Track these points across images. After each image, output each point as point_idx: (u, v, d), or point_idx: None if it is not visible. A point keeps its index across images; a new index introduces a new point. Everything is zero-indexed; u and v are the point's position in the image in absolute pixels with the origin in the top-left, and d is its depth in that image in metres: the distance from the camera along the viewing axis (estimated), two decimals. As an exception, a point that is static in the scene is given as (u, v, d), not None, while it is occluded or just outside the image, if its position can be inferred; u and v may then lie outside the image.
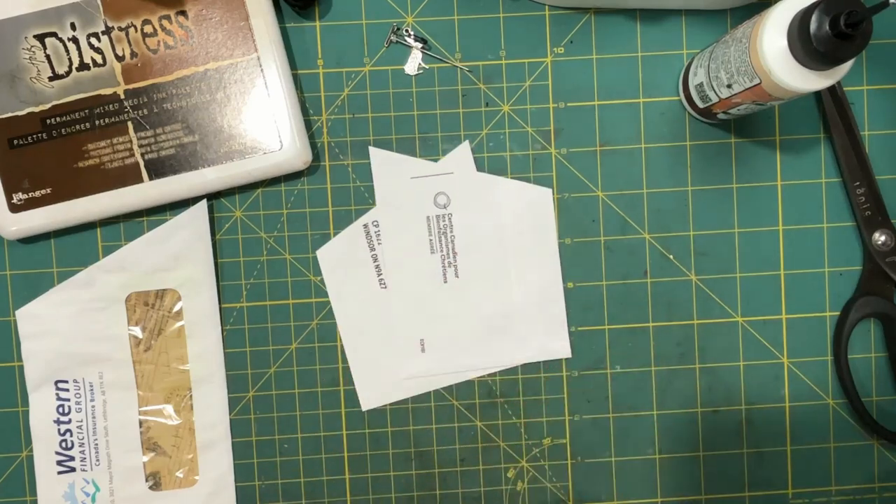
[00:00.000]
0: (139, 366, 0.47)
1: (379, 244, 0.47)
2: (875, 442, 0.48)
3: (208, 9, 0.45)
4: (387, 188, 0.46)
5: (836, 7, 0.34)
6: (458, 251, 0.47)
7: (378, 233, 0.47)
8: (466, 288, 0.47)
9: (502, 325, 0.47)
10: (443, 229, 0.47)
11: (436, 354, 0.47)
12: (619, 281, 0.47)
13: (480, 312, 0.47)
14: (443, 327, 0.47)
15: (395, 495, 0.47)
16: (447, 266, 0.47)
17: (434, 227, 0.47)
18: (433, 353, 0.47)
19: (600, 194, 0.47)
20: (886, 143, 0.48)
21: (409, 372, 0.47)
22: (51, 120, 0.45)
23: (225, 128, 0.45)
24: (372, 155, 0.46)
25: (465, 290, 0.47)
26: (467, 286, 0.47)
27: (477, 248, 0.47)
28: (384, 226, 0.47)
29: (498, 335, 0.47)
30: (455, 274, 0.47)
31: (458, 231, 0.47)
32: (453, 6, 0.47)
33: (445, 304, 0.47)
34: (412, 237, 0.46)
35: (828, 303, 0.48)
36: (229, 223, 0.47)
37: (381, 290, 0.47)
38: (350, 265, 0.47)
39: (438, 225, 0.47)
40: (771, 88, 0.38)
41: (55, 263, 0.47)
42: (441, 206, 0.46)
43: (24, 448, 0.47)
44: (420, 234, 0.46)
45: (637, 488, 0.48)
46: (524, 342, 0.47)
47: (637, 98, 0.47)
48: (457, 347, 0.47)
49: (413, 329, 0.47)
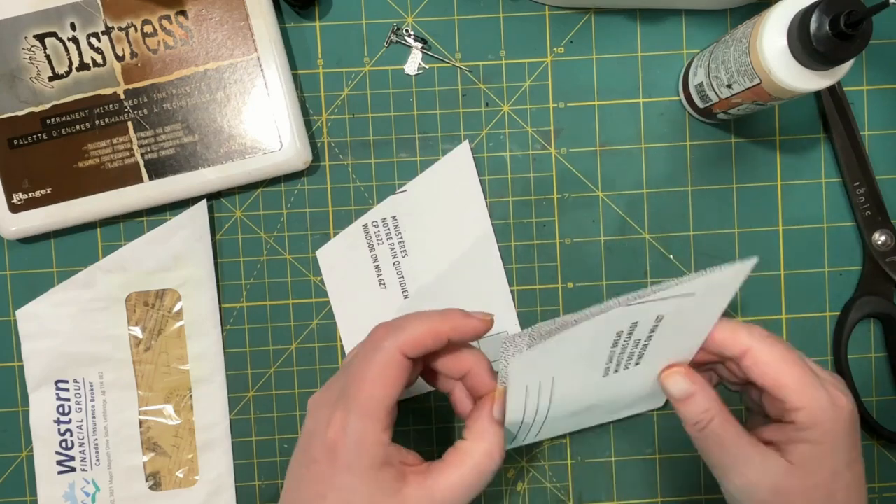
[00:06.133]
0: (139, 366, 0.47)
1: (379, 244, 0.47)
2: (875, 442, 0.48)
3: (208, 9, 0.45)
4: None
5: (836, 7, 0.34)
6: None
7: (378, 233, 0.47)
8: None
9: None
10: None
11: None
12: (619, 281, 0.47)
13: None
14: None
15: (395, 495, 0.47)
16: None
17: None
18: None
19: (600, 194, 0.47)
20: (886, 143, 0.48)
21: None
22: (51, 120, 0.45)
23: (225, 128, 0.45)
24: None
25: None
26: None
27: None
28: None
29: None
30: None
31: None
32: (453, 6, 0.47)
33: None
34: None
35: (828, 303, 0.48)
36: (229, 223, 0.47)
37: (381, 290, 0.47)
38: (350, 265, 0.47)
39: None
40: (771, 88, 0.38)
41: (55, 263, 0.47)
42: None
43: (24, 448, 0.47)
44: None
45: (637, 488, 0.48)
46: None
47: (637, 98, 0.47)
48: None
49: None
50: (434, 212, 0.47)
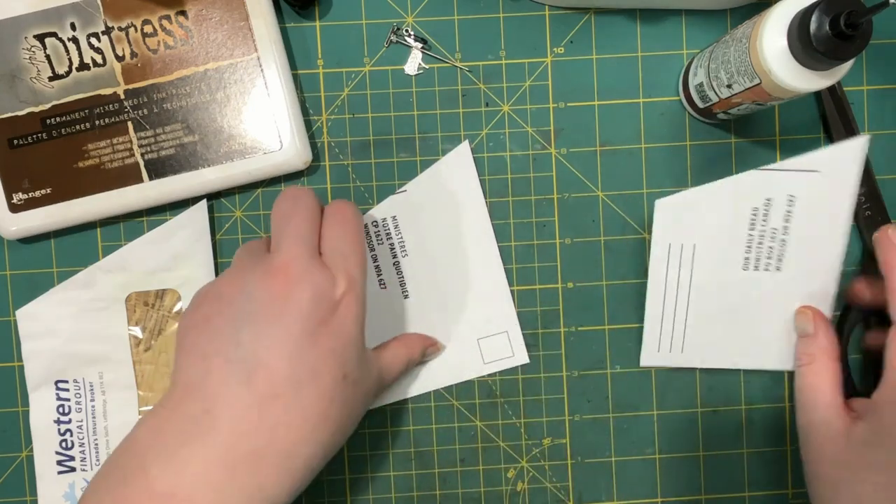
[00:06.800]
0: (139, 366, 0.47)
1: (379, 244, 0.47)
2: (875, 442, 0.48)
3: (208, 9, 0.45)
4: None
5: (836, 7, 0.34)
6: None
7: (378, 233, 0.47)
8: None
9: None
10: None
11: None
12: (619, 281, 0.47)
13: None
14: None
15: (395, 495, 0.47)
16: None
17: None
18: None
19: (600, 194, 0.47)
20: (886, 143, 0.48)
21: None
22: (51, 120, 0.45)
23: (225, 128, 0.45)
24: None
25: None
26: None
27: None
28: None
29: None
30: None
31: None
32: (453, 6, 0.47)
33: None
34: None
35: (828, 303, 0.48)
36: (229, 223, 0.47)
37: (380, 290, 0.47)
38: None
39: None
40: (771, 88, 0.38)
41: (55, 263, 0.47)
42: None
43: (24, 448, 0.47)
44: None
45: (637, 488, 0.48)
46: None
47: (637, 98, 0.47)
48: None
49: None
50: (434, 212, 0.47)
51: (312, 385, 0.35)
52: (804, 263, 0.41)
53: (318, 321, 0.36)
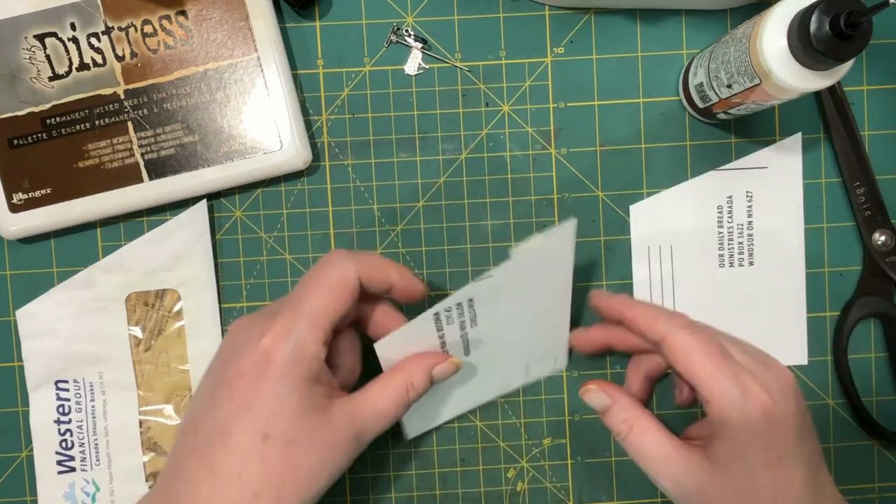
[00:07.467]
0: (139, 366, 0.47)
1: (449, 325, 0.40)
2: (875, 442, 0.48)
3: (208, 9, 0.45)
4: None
5: (836, 7, 0.34)
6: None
7: (449, 317, 0.39)
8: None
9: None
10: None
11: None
12: (619, 281, 0.47)
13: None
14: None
15: (395, 495, 0.47)
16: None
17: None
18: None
19: (600, 194, 0.47)
20: (886, 143, 0.48)
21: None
22: (51, 120, 0.45)
23: (225, 128, 0.45)
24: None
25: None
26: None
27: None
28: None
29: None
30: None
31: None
32: (453, 6, 0.47)
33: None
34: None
35: (828, 303, 0.48)
36: (229, 223, 0.47)
37: None
38: (412, 351, 0.42)
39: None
40: (771, 88, 0.38)
41: (55, 263, 0.47)
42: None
43: (24, 448, 0.47)
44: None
45: (637, 488, 0.48)
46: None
47: (637, 98, 0.47)
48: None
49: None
50: (518, 298, 0.41)
51: (221, 443, 0.35)
52: (772, 257, 0.43)
53: (236, 373, 0.35)
